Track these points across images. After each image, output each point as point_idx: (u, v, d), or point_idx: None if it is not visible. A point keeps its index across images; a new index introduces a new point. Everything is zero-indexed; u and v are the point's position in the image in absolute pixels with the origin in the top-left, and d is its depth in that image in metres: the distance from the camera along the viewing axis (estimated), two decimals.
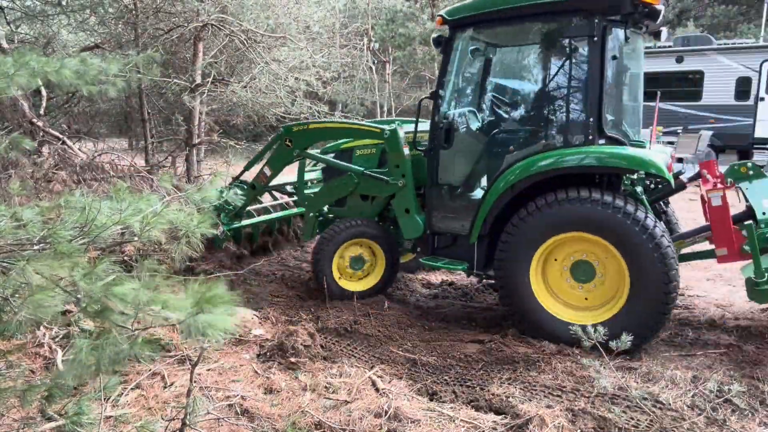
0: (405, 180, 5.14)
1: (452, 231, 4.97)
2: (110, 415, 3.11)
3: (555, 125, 4.61)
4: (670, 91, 15.10)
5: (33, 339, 3.91)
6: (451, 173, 5.01)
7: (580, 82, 4.36)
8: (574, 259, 4.36)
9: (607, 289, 4.29)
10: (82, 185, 6.91)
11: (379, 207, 5.58)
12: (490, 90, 5.51)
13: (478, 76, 5.49)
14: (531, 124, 4.88)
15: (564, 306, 4.43)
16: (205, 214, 2.38)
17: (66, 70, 1.93)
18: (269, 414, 3.30)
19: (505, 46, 5.39)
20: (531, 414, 3.19)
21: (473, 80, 5.51)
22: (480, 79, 5.50)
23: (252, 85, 10.30)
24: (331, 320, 4.73)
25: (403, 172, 5.14)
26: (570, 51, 4.41)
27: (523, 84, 5.25)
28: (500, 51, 5.48)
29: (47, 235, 1.99)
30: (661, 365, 3.92)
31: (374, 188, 5.42)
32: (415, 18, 22.14)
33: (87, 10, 10.55)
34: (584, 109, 4.32)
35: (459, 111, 5.20)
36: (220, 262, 6.32)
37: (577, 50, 4.40)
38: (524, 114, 5.06)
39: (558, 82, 4.61)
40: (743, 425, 3.18)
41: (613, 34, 4.24)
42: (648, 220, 4.00)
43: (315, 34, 13.04)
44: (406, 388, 3.67)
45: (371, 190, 5.49)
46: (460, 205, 4.97)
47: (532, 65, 5.06)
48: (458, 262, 4.88)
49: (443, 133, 4.80)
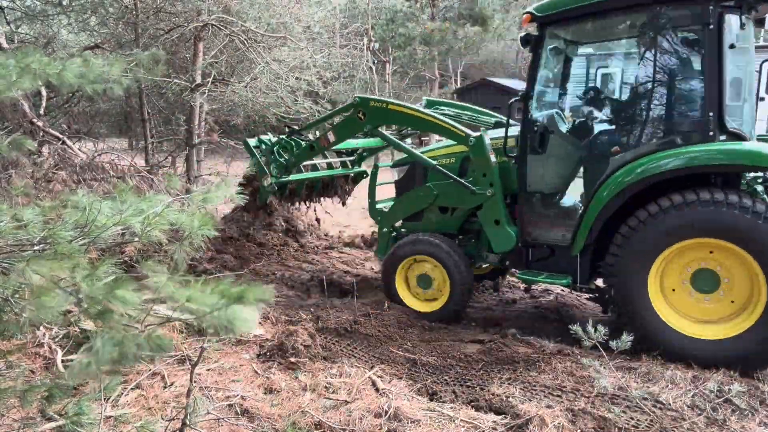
0: (494, 189, 4.79)
1: (550, 242, 4.63)
2: (110, 415, 3.11)
3: (669, 123, 4.25)
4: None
5: (33, 339, 3.92)
6: (547, 180, 4.69)
7: (697, 74, 4.06)
8: (696, 267, 3.98)
9: (736, 300, 3.91)
10: (82, 185, 6.91)
11: (460, 220, 5.23)
12: (587, 89, 5.13)
13: (572, 75, 5.17)
14: (640, 123, 4.43)
15: (688, 320, 4.04)
16: (207, 215, 2.38)
17: (68, 73, 1.92)
18: (269, 414, 3.31)
19: (602, 40, 5.05)
20: (531, 414, 3.19)
21: (567, 80, 5.17)
22: (574, 78, 5.20)
23: (252, 84, 10.31)
24: (331, 320, 4.73)
25: (491, 180, 4.79)
26: (682, 42, 4.15)
27: (628, 80, 4.85)
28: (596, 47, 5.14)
29: (48, 236, 1.99)
30: (661, 365, 3.92)
31: (457, 199, 5.07)
32: (415, 18, 22.15)
33: (87, 11, 10.55)
34: (703, 103, 3.98)
35: (552, 112, 4.88)
36: (223, 263, 6.33)
37: (690, 40, 4.13)
38: (631, 113, 4.57)
39: (669, 76, 4.28)
40: (743, 425, 3.18)
41: (729, 20, 3.93)
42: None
43: (315, 34, 13.05)
44: (406, 388, 3.67)
45: (453, 202, 5.14)
46: (559, 214, 4.67)
47: (635, 60, 4.61)
48: (560, 275, 4.55)
49: (537, 137, 4.51)
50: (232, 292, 1.57)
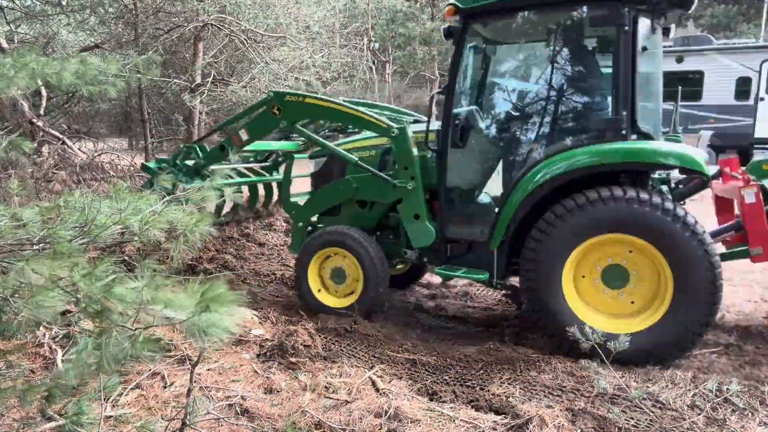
0: (414, 183, 4.68)
1: (469, 237, 4.60)
2: (110, 415, 3.11)
3: (584, 121, 4.36)
4: (670, 91, 15.09)
5: (33, 339, 3.91)
6: (466, 175, 4.70)
7: (611, 74, 4.12)
8: (607, 263, 4.04)
9: (644, 295, 3.99)
10: (81, 185, 6.91)
11: (378, 215, 5.09)
12: (508, 85, 5.16)
13: (494, 70, 5.14)
14: (557, 120, 4.54)
15: (598, 314, 4.07)
16: (205, 213, 2.38)
17: (66, 73, 1.92)
18: (269, 414, 3.30)
19: (524, 37, 5.03)
20: (531, 414, 3.19)
21: (489, 75, 5.13)
22: (496, 73, 5.17)
23: (252, 84, 10.31)
24: (331, 320, 4.72)
25: (412, 174, 4.67)
26: (598, 42, 4.19)
27: (546, 78, 4.84)
28: (518, 43, 5.15)
29: (47, 235, 1.99)
30: (661, 365, 3.92)
31: (377, 193, 4.92)
32: (415, 18, 22.14)
33: (87, 10, 10.55)
34: (616, 102, 4.05)
35: (473, 108, 4.82)
36: (224, 263, 6.33)
37: (606, 41, 4.18)
38: (548, 110, 4.66)
39: (585, 76, 4.37)
40: (743, 425, 3.17)
41: (642, 23, 4.03)
42: (689, 218, 3.74)
43: (315, 34, 13.05)
44: (406, 388, 3.66)
45: (373, 196, 4.98)
46: (478, 209, 4.67)
47: (554, 58, 4.65)
48: (478, 271, 4.49)
49: (458, 132, 4.47)
50: (209, 296, 1.57)
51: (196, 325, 1.54)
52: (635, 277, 3.99)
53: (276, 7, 11.09)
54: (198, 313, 1.55)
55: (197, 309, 1.56)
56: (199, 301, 1.58)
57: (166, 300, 1.61)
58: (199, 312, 1.56)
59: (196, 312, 1.56)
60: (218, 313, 1.56)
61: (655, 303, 3.94)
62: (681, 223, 3.73)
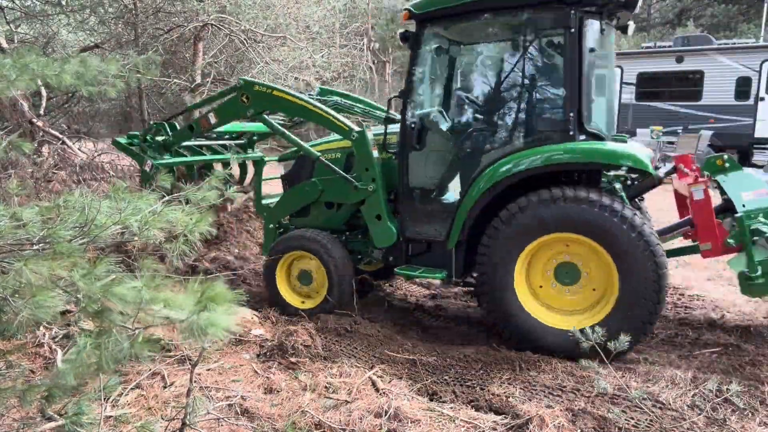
0: (375, 184, 4.78)
1: (427, 237, 4.70)
2: (110, 415, 3.11)
3: (533, 122, 4.45)
4: (670, 91, 15.12)
5: (33, 339, 3.91)
6: (424, 176, 4.78)
7: (558, 76, 4.22)
8: (558, 261, 4.18)
9: (594, 291, 4.14)
10: (81, 185, 6.91)
11: (346, 215, 5.19)
12: (462, 88, 5.24)
13: (449, 73, 5.25)
14: (508, 122, 4.68)
15: (551, 311, 4.23)
16: (204, 213, 2.38)
17: (66, 75, 1.92)
18: (269, 414, 3.30)
19: (476, 41, 5.16)
20: (531, 414, 3.19)
21: (444, 78, 5.24)
22: (451, 76, 5.26)
23: None
24: (331, 320, 4.72)
25: (372, 176, 4.78)
26: (546, 44, 4.28)
27: (498, 81, 4.96)
28: (471, 46, 5.26)
29: (47, 235, 1.98)
30: (661, 365, 3.92)
31: (342, 194, 5.03)
32: None
33: (87, 10, 10.56)
34: (564, 104, 4.15)
35: (430, 110, 4.96)
36: (225, 262, 6.33)
37: (553, 43, 4.27)
38: (500, 112, 4.81)
39: (534, 78, 4.45)
40: (743, 425, 3.17)
41: (589, 25, 4.12)
42: (636, 218, 3.87)
43: (315, 34, 13.04)
44: (406, 388, 3.67)
45: (338, 197, 5.09)
46: (436, 209, 4.73)
47: (505, 61, 4.81)
48: (437, 270, 4.59)
49: (415, 134, 4.58)
50: (208, 295, 1.57)
51: (196, 324, 1.54)
52: (585, 275, 4.13)
53: (276, 7, 11.09)
54: (197, 312, 1.55)
55: (196, 308, 1.57)
56: (199, 300, 1.58)
57: (165, 300, 1.61)
58: (198, 311, 1.56)
59: (196, 311, 1.56)
60: (217, 312, 1.56)
61: (602, 300, 4.08)
62: (628, 224, 3.84)
